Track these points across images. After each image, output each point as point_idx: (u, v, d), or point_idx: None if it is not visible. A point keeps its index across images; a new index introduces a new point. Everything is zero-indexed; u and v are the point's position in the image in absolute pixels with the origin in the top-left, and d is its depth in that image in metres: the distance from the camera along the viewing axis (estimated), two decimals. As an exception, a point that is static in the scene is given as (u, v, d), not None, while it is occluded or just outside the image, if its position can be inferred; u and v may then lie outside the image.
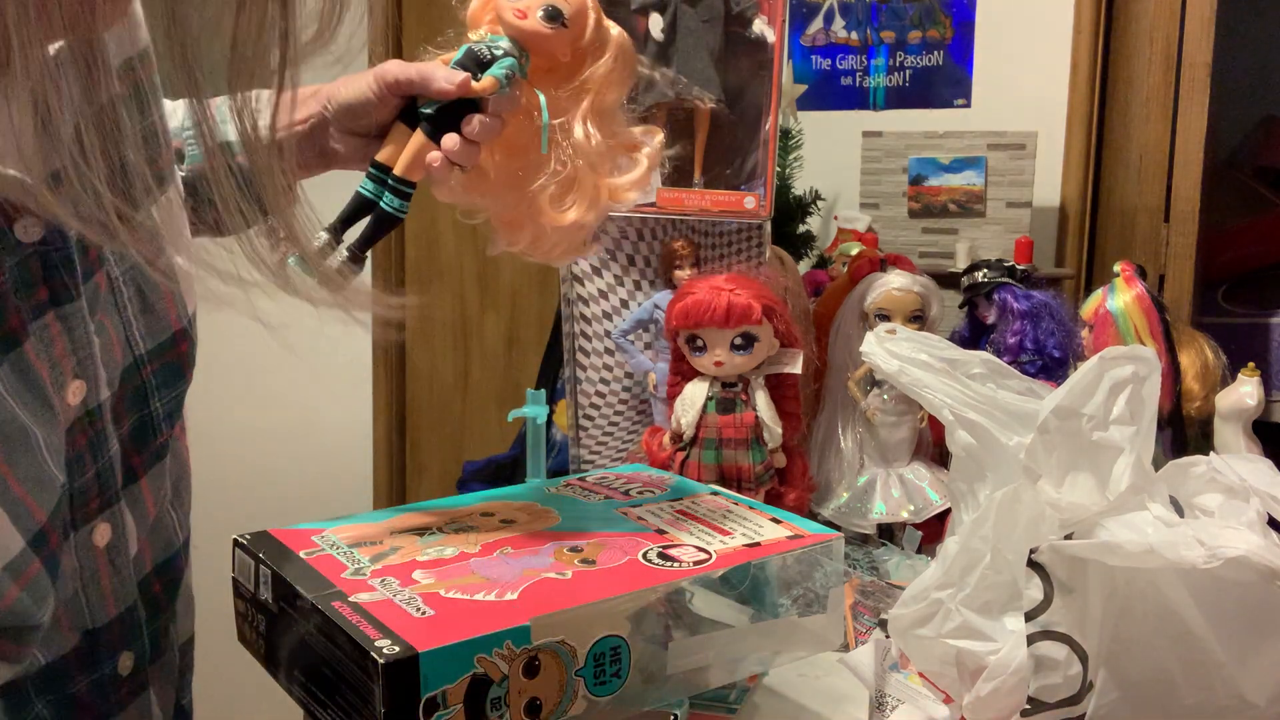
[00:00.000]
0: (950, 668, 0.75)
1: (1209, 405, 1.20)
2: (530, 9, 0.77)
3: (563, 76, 0.79)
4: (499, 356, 3.09)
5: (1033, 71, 2.17)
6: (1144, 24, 1.56)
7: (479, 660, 0.63)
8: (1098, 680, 0.71)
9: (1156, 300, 1.19)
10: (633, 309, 1.26)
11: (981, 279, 1.26)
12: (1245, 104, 1.86)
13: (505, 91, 0.76)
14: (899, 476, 1.19)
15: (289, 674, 0.73)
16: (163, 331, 0.68)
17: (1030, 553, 0.74)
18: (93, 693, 0.66)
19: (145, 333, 0.67)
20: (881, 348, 0.88)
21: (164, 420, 0.70)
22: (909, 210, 2.13)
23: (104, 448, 0.64)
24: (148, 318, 0.67)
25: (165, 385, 0.69)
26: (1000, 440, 0.80)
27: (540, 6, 0.77)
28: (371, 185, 0.76)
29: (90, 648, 0.66)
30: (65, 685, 0.65)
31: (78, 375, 0.61)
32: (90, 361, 0.62)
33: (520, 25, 0.77)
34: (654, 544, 0.79)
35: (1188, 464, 0.79)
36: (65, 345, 0.60)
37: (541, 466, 1.15)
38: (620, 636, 0.69)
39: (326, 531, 0.80)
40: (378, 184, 0.76)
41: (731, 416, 1.07)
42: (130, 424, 0.67)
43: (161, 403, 0.69)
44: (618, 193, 0.80)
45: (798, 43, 2.41)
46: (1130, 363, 0.76)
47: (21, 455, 0.57)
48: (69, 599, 0.64)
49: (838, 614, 0.84)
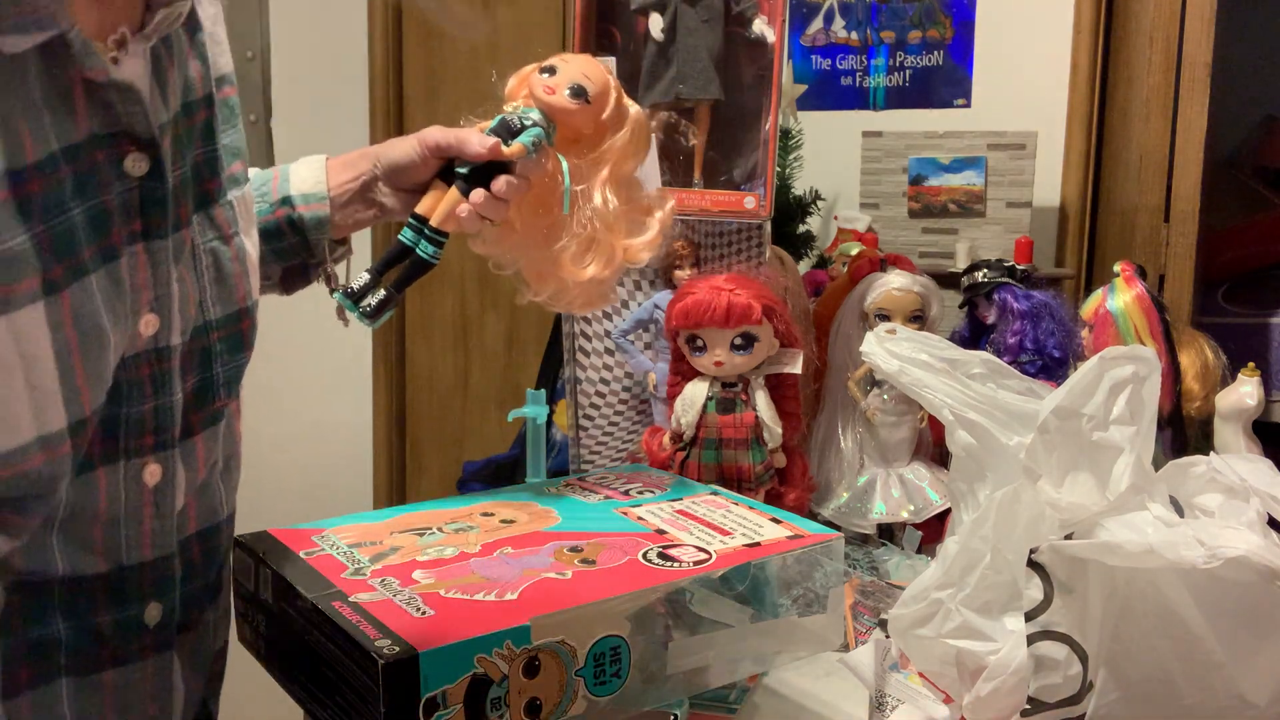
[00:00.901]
0: (950, 668, 0.75)
1: (1209, 405, 1.19)
2: (559, 86, 0.87)
3: (585, 147, 0.90)
4: (499, 356, 3.09)
5: (1033, 71, 2.17)
6: (1144, 24, 1.56)
7: (479, 660, 0.63)
8: (1098, 680, 0.71)
9: (1156, 300, 1.19)
10: (633, 309, 1.26)
11: (981, 279, 1.26)
12: (1245, 104, 1.86)
13: (532, 157, 0.86)
14: (899, 476, 1.19)
15: (289, 674, 0.73)
16: (231, 305, 0.77)
17: (1030, 553, 0.74)
18: (116, 632, 0.69)
19: (216, 300, 0.75)
20: (881, 348, 0.88)
21: (223, 386, 0.77)
22: (909, 210, 2.13)
23: (166, 388, 0.71)
24: (220, 288, 0.76)
25: (228, 353, 0.77)
26: (1000, 440, 0.80)
27: (568, 85, 0.87)
28: (410, 234, 0.87)
29: (119, 583, 0.69)
30: (89, 614, 0.68)
31: (153, 309, 0.69)
32: (167, 300, 0.70)
33: (549, 100, 0.87)
34: (654, 544, 0.79)
35: (1188, 464, 0.79)
36: (147, 276, 0.68)
37: (541, 466, 1.15)
38: (620, 636, 0.69)
39: (326, 531, 0.80)
40: (416, 233, 0.87)
41: (731, 416, 1.07)
42: (194, 382, 0.74)
43: (223, 369, 0.77)
44: (632, 252, 0.89)
45: (798, 43, 2.41)
46: (1130, 363, 0.76)
47: (94, 351, 0.64)
48: (107, 524, 0.68)
49: (838, 614, 0.84)
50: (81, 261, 0.63)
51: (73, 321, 0.62)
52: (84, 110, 0.63)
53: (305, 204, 0.92)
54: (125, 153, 0.65)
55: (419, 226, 0.87)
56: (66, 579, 0.67)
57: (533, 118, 0.87)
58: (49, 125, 0.61)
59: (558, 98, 0.87)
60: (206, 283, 0.75)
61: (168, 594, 0.72)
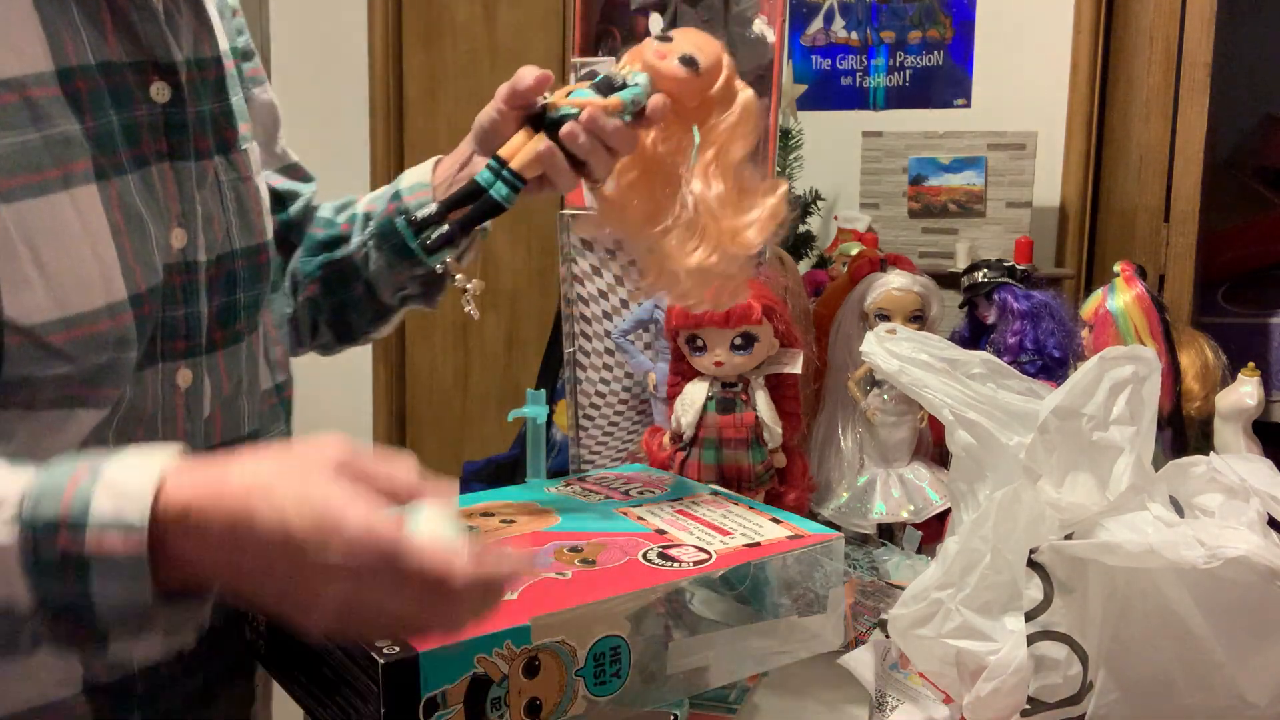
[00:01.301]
0: (950, 668, 0.75)
1: (1209, 405, 1.19)
2: (671, 52, 0.85)
3: (690, 124, 0.86)
4: (499, 356, 3.09)
5: (1033, 71, 2.17)
6: (1144, 24, 1.56)
7: (479, 660, 0.63)
8: (1098, 680, 0.71)
9: (1156, 300, 1.19)
10: (633, 309, 1.26)
11: (981, 279, 1.25)
12: (1245, 104, 1.86)
13: (628, 117, 0.83)
14: (899, 476, 1.19)
15: (289, 674, 0.73)
16: (251, 237, 0.82)
17: (1030, 553, 0.74)
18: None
19: (239, 231, 0.81)
20: (881, 348, 0.88)
21: (244, 310, 0.81)
22: (909, 210, 2.13)
23: (195, 299, 0.76)
24: (242, 220, 0.81)
25: (249, 281, 0.82)
26: (1000, 440, 0.80)
27: (679, 52, 0.85)
28: (488, 174, 0.83)
29: None
30: None
31: (180, 224, 0.75)
32: (193, 217, 0.76)
33: (658, 65, 0.84)
34: (654, 544, 0.79)
35: (1188, 464, 0.79)
36: (174, 191, 0.74)
37: (541, 466, 1.15)
38: (620, 636, 0.69)
39: (326, 531, 0.80)
40: (493, 174, 0.83)
41: (731, 416, 1.07)
42: (220, 302, 0.79)
43: (245, 294, 0.81)
44: (740, 236, 0.85)
45: (798, 43, 2.41)
46: (1130, 363, 0.76)
47: (139, 236, 0.71)
48: (149, 423, 0.74)
49: (838, 614, 0.84)
50: (120, 161, 0.70)
51: (120, 206, 0.70)
52: (113, 33, 0.70)
53: (410, 193, 0.94)
54: (150, 80, 0.73)
55: (497, 168, 0.83)
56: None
57: (638, 80, 0.84)
58: (87, 41, 0.69)
59: (668, 63, 0.84)
60: (230, 215, 0.80)
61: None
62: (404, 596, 0.54)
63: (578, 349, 1.28)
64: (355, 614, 0.55)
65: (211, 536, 0.54)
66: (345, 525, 0.53)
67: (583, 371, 1.29)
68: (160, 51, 0.73)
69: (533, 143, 0.83)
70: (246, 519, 0.53)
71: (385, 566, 0.53)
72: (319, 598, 0.55)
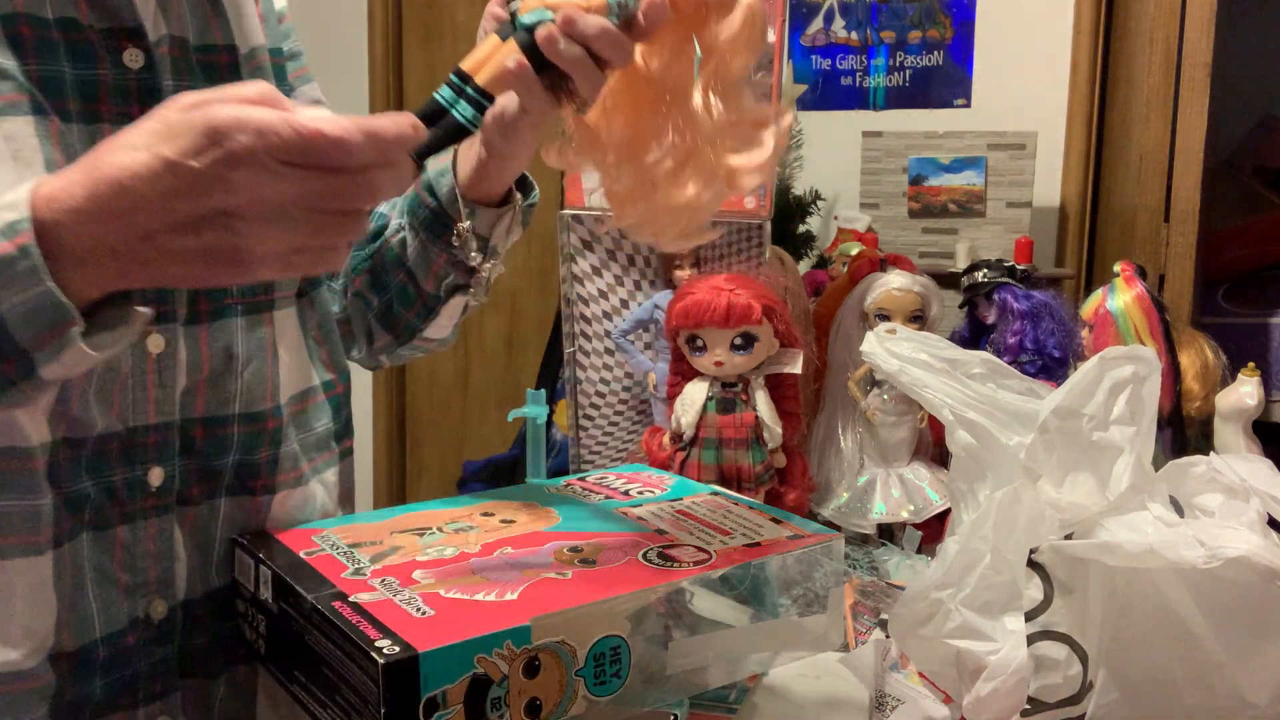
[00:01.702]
0: (950, 668, 0.75)
1: (1209, 405, 1.20)
2: None
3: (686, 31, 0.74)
4: (499, 356, 3.09)
5: (1033, 71, 2.17)
6: (1144, 24, 1.56)
7: (479, 660, 0.63)
8: (1098, 680, 0.71)
9: (1156, 300, 1.19)
10: (633, 309, 1.26)
11: (981, 279, 1.26)
12: (1245, 104, 1.86)
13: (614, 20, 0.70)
14: (899, 476, 1.19)
15: (289, 674, 0.73)
16: None
17: (1030, 553, 0.74)
18: (126, 490, 0.74)
19: None
20: (881, 348, 0.88)
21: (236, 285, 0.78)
22: (909, 210, 2.13)
23: None
24: None
25: None
26: (1000, 440, 0.80)
27: None
28: (448, 92, 0.72)
29: (129, 443, 0.74)
30: (107, 471, 0.73)
31: None
32: None
33: None
34: (654, 544, 0.79)
35: (1188, 464, 0.79)
36: None
37: (541, 466, 1.15)
38: (620, 636, 0.69)
39: (326, 531, 0.80)
40: (455, 91, 0.72)
41: (731, 416, 1.07)
42: None
43: None
44: (737, 176, 0.75)
45: (798, 43, 2.41)
46: (1130, 363, 0.76)
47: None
48: (122, 384, 0.72)
49: (838, 614, 0.84)
50: (66, 107, 0.69)
51: (61, 145, 0.67)
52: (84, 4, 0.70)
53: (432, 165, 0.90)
54: (123, 47, 0.72)
55: (460, 85, 0.72)
56: (96, 437, 0.72)
57: None
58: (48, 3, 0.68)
59: None
60: None
61: (168, 460, 0.76)
62: (310, 177, 0.55)
63: (578, 349, 1.28)
64: (277, 227, 0.57)
65: (96, 208, 0.56)
66: (216, 119, 0.54)
67: (583, 371, 1.29)
68: (127, 17, 0.72)
69: (501, 52, 0.71)
70: (115, 170, 0.55)
71: (275, 145, 0.54)
72: (232, 230, 0.56)
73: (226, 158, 0.55)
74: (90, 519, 0.72)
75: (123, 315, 0.61)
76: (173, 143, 0.55)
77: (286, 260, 0.59)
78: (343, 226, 0.60)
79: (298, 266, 0.61)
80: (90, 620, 0.72)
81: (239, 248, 0.57)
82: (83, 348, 0.59)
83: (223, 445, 0.79)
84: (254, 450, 0.81)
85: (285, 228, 0.57)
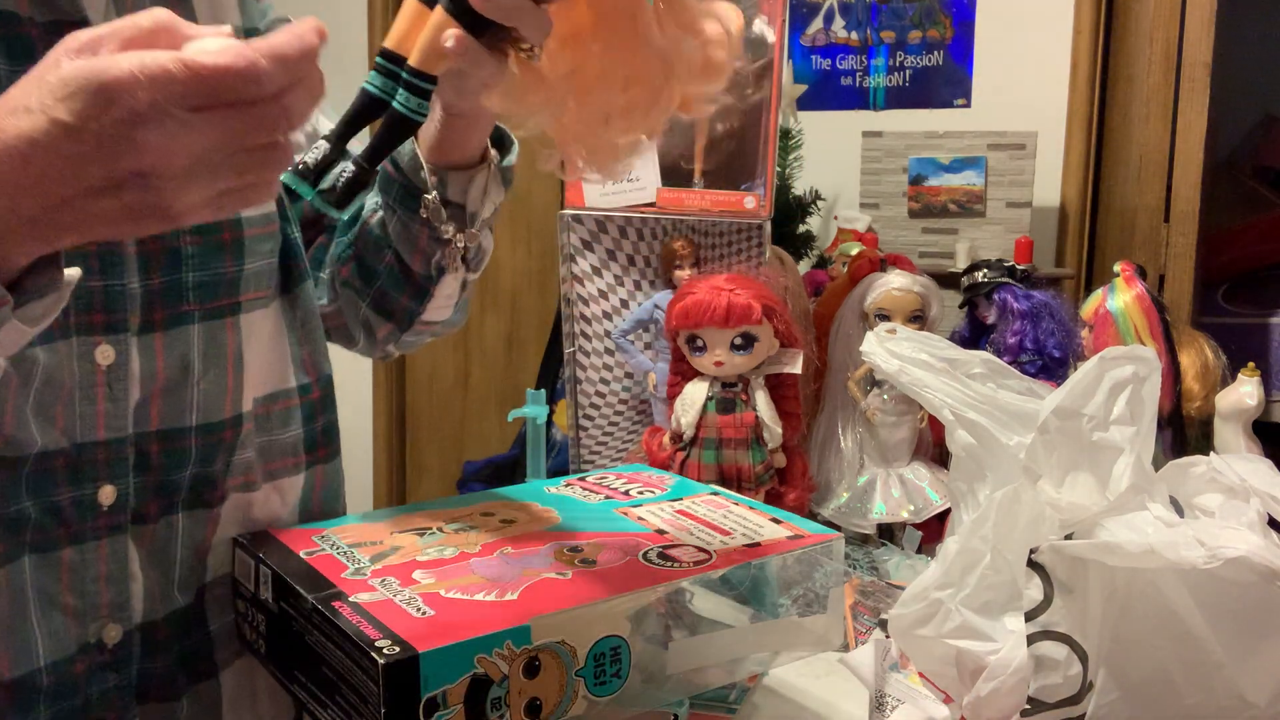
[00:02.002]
0: (950, 668, 0.75)
1: (1209, 405, 1.20)
2: None
3: None
4: (499, 356, 3.09)
5: (1033, 71, 2.17)
6: (1144, 24, 1.56)
7: (479, 660, 0.63)
8: (1098, 680, 0.71)
9: (1156, 300, 1.19)
10: (633, 309, 1.26)
11: (981, 279, 1.26)
12: (1245, 104, 1.86)
13: None
14: (899, 476, 1.19)
15: (289, 674, 0.73)
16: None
17: (1030, 553, 0.73)
18: (73, 510, 0.71)
19: None
20: (881, 348, 0.88)
21: (193, 290, 0.75)
22: (909, 210, 2.13)
23: (118, 272, 0.71)
24: None
25: (201, 259, 0.75)
26: (1000, 440, 0.80)
27: None
28: (380, 79, 0.63)
29: (76, 461, 0.71)
30: (51, 491, 0.70)
31: None
32: None
33: None
34: (654, 544, 0.79)
35: (1188, 464, 0.79)
36: None
37: (541, 466, 1.15)
38: (620, 636, 0.69)
39: (326, 531, 0.80)
40: (388, 77, 0.63)
41: (731, 416, 1.07)
42: (161, 280, 0.73)
43: (195, 274, 0.75)
44: (690, 103, 0.69)
45: (798, 43, 2.41)
46: (1130, 363, 0.75)
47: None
48: (67, 400, 0.70)
49: (838, 614, 0.84)
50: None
51: None
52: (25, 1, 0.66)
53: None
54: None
55: (392, 69, 0.62)
56: (36, 455, 0.69)
57: None
58: None
59: None
60: None
61: (120, 477, 0.73)
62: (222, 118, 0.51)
63: (578, 349, 1.28)
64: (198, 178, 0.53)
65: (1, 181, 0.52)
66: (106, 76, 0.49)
67: (583, 371, 1.29)
68: (68, 7, 0.68)
69: (431, 22, 0.62)
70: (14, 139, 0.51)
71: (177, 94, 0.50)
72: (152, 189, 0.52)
73: (128, 118, 0.50)
74: (32, 540, 0.69)
75: (52, 281, 0.57)
76: (67, 103, 0.50)
77: (216, 205, 0.56)
78: (266, 159, 0.56)
79: (229, 208, 0.57)
80: (32, 647, 0.69)
81: (162, 204, 0.53)
82: (17, 324, 0.56)
83: (180, 459, 0.76)
84: (211, 462, 0.78)
85: (206, 176, 0.54)
